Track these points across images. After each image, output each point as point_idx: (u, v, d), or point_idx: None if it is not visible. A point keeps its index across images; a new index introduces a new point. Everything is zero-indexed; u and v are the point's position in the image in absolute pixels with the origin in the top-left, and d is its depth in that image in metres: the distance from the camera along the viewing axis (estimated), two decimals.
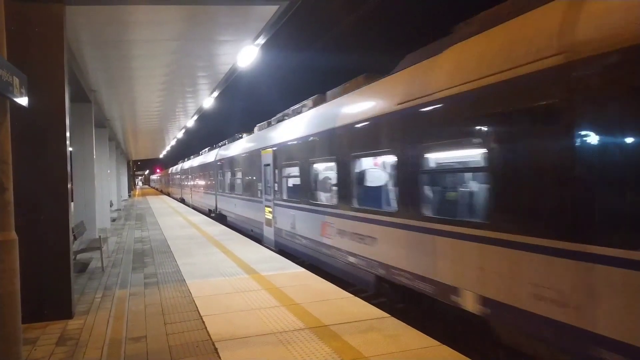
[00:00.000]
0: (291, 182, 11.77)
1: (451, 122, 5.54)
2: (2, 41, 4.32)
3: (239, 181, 17.31)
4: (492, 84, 4.89)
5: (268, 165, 13.18)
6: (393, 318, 5.66)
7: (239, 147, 17.76)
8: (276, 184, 12.47)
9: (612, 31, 3.71)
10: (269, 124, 14.87)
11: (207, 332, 5.39)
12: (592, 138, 3.83)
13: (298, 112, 12.05)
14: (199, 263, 9.63)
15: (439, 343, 4.79)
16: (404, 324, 5.45)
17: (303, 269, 8.70)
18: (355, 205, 8.02)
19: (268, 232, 13.33)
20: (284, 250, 11.90)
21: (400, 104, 6.64)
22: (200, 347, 4.93)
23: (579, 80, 3.93)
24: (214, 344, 4.98)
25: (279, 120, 13.66)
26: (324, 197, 9.86)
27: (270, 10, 7.43)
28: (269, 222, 13.24)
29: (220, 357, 4.62)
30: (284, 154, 11.91)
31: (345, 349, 4.72)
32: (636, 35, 3.52)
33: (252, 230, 15.31)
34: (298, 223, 10.91)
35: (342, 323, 5.51)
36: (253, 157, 14.93)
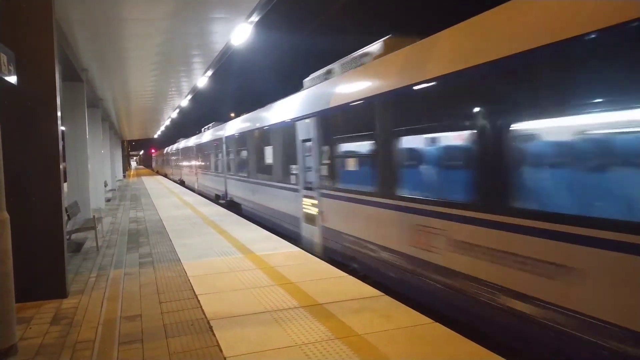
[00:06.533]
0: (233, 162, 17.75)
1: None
2: None
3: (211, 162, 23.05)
4: None
5: (225, 149, 19.02)
6: (387, 297, 5.70)
7: (212, 134, 22.97)
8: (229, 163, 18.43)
9: None
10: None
11: (202, 310, 5.42)
12: None
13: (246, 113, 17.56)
14: (194, 243, 9.65)
15: (431, 320, 4.84)
16: (398, 302, 5.49)
17: (298, 249, 8.74)
18: (256, 175, 13.96)
19: (223, 195, 19.81)
20: (232, 203, 17.71)
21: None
22: (195, 326, 4.96)
23: None
24: (209, 323, 5.02)
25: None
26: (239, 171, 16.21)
27: None
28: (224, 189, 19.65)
29: (215, 335, 4.65)
30: (232, 142, 17.66)
31: (339, 327, 4.76)
32: None
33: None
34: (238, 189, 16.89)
35: (336, 302, 5.54)
36: (217, 143, 20.76)
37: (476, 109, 5.09)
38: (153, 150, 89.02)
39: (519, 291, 4.49)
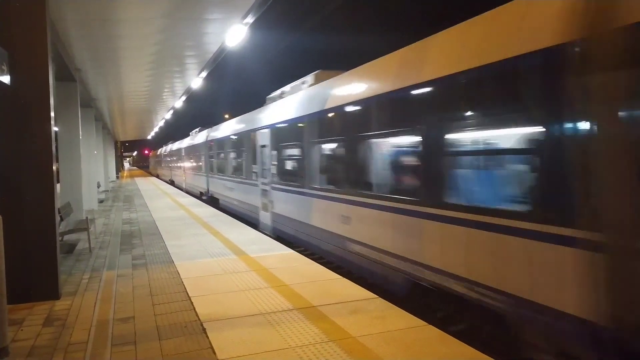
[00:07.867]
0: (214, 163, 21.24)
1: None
2: None
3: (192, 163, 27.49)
4: None
5: (206, 154, 23.08)
6: (381, 299, 5.71)
7: (188, 141, 28.46)
8: (210, 163, 22.11)
9: None
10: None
11: (196, 312, 5.40)
12: None
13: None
14: (187, 244, 9.61)
15: (425, 323, 4.85)
16: (391, 304, 5.50)
17: (292, 251, 8.73)
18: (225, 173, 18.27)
19: (206, 191, 23.20)
20: (213, 197, 21.27)
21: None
22: (188, 328, 4.94)
23: None
24: (202, 325, 5.00)
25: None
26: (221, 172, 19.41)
27: None
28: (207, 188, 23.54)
29: (208, 337, 4.64)
30: (214, 147, 21.15)
31: (333, 329, 4.76)
32: None
33: (200, 193, 25.35)
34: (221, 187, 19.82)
35: (330, 304, 5.55)
36: (199, 148, 24.78)
37: None
38: (147, 151, 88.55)
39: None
